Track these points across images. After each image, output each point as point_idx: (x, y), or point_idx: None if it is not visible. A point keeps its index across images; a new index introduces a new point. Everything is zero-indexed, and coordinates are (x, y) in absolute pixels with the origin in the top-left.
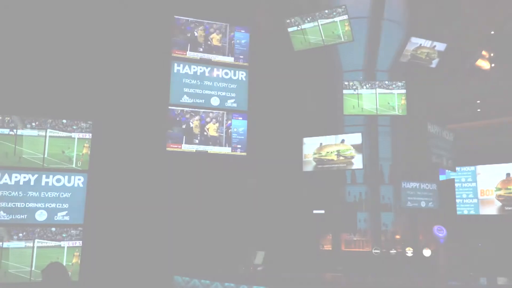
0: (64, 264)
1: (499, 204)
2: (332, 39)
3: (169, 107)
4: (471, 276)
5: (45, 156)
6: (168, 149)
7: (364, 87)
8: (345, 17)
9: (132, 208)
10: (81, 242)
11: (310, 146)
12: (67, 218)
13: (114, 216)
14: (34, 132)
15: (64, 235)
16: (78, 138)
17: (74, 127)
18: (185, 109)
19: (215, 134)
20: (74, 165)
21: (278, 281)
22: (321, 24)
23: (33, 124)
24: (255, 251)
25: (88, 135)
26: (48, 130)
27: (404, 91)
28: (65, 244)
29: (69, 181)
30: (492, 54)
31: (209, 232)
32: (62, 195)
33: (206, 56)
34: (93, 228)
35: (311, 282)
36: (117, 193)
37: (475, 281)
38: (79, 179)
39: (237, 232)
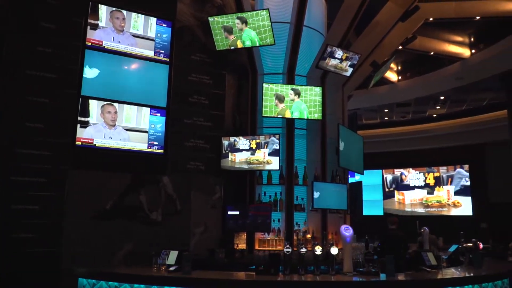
0: None
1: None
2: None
3: (81, 99)
4: (373, 272)
5: None
6: (78, 143)
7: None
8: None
9: (36, 206)
10: None
11: (229, 146)
12: None
13: (15, 215)
14: None
15: None
16: None
17: None
18: (99, 101)
19: (130, 129)
20: None
21: (190, 282)
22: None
23: None
24: (167, 251)
25: None
26: None
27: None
28: None
29: None
30: (399, 67)
31: (120, 232)
32: None
33: (124, 47)
34: None
35: (224, 281)
36: (19, 191)
37: (375, 276)
38: None
39: (150, 232)
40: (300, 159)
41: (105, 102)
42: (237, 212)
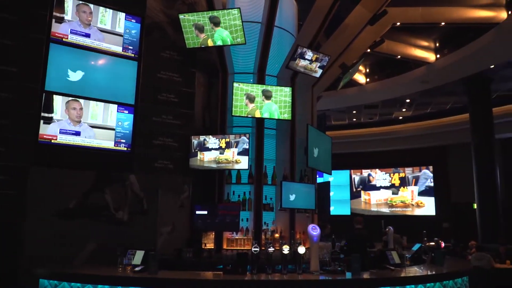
0: None
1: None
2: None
3: (45, 94)
4: (339, 271)
5: None
6: (41, 140)
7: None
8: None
9: None
10: None
11: (198, 145)
12: None
13: None
14: None
15: None
16: None
17: None
18: (63, 97)
19: (96, 126)
20: None
21: (157, 282)
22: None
23: None
24: (133, 250)
25: None
26: None
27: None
28: None
29: None
30: (368, 70)
31: (84, 231)
32: None
33: (91, 42)
34: None
35: (192, 281)
36: None
37: (341, 275)
38: None
39: (115, 232)
40: (269, 159)
41: (70, 98)
42: (206, 212)
